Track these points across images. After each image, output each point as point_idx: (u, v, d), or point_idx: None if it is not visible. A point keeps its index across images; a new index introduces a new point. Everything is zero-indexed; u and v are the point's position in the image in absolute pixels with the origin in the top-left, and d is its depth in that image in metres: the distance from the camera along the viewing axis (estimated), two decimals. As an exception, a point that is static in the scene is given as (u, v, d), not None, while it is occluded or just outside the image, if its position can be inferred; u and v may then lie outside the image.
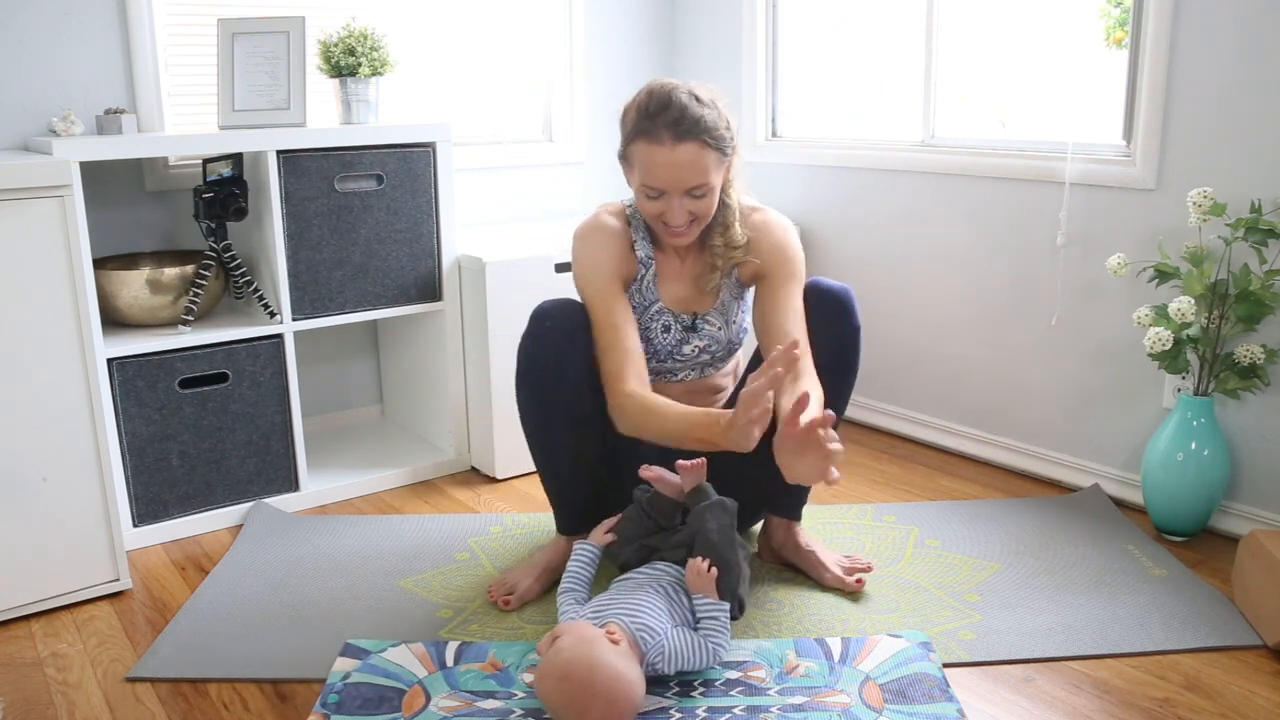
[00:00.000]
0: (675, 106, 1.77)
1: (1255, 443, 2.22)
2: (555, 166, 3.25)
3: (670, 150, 1.77)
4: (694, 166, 1.78)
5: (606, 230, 1.94)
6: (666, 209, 1.82)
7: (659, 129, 1.77)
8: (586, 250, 1.92)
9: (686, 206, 1.82)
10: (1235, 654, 1.79)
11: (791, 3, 3.12)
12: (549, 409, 1.90)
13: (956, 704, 1.62)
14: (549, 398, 1.89)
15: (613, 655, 1.53)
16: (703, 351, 2.01)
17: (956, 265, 2.73)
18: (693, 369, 2.03)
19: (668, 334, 1.98)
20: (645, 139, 1.79)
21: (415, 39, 2.92)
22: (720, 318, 2.00)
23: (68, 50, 2.41)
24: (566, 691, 1.50)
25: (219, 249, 2.37)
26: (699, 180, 1.79)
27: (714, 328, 2.00)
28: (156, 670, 1.77)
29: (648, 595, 1.70)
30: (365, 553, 2.22)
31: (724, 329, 2.01)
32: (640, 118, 1.80)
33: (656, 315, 1.97)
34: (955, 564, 2.12)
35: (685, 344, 1.99)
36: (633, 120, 1.82)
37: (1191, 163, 2.22)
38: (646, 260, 1.97)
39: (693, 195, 1.81)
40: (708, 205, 1.84)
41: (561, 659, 1.52)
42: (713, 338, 2.00)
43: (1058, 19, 2.55)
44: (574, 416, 1.91)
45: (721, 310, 2.00)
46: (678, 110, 1.77)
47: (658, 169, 1.79)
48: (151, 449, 2.27)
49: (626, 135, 1.85)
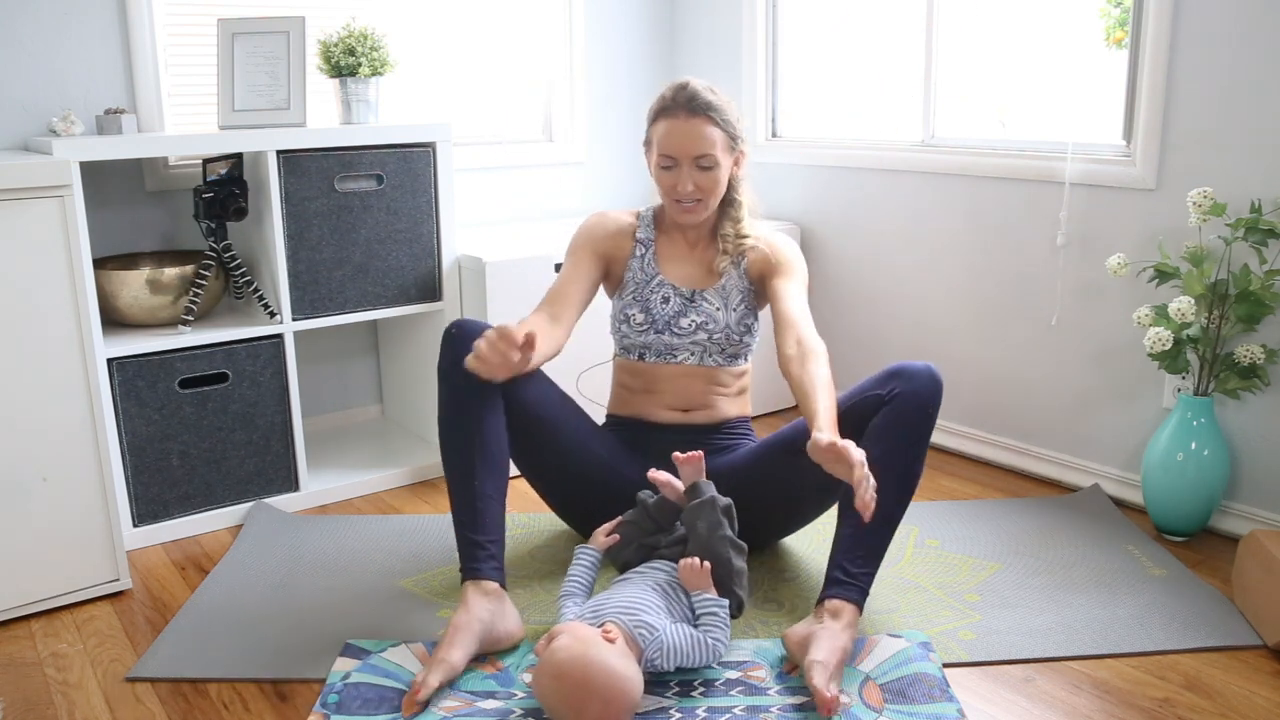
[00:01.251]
0: (691, 90, 2.00)
1: (1255, 443, 2.22)
2: (555, 166, 3.25)
3: (684, 122, 1.98)
4: (703, 138, 1.98)
5: (610, 217, 2.17)
6: (678, 179, 2.00)
7: (676, 107, 2.00)
8: (582, 228, 2.15)
9: (694, 178, 1.99)
10: (1235, 654, 1.79)
11: (791, 3, 3.12)
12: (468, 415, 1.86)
13: (956, 704, 1.62)
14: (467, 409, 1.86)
15: (609, 654, 1.53)
16: (699, 329, 2.07)
17: (956, 265, 2.73)
18: (691, 351, 2.08)
19: (667, 304, 2.09)
20: (664, 116, 2.01)
21: (415, 39, 2.92)
22: (719, 298, 2.08)
23: (68, 50, 2.41)
24: (562, 691, 1.51)
25: (219, 249, 2.37)
26: (706, 149, 1.98)
27: (712, 306, 2.08)
28: (156, 670, 1.77)
29: (645, 592, 1.70)
30: (365, 553, 2.22)
31: (723, 311, 2.07)
32: (661, 104, 2.03)
33: (657, 288, 2.10)
34: (955, 564, 2.12)
35: (683, 316, 2.08)
36: (655, 108, 2.04)
37: (1191, 163, 2.22)
38: (648, 241, 2.13)
39: (700, 166, 1.99)
40: (713, 180, 2.01)
41: (557, 659, 1.52)
42: (710, 316, 2.07)
43: (1057, 19, 2.55)
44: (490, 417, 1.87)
45: (722, 292, 2.09)
46: (692, 92, 1.99)
47: (671, 137, 1.99)
48: (151, 449, 2.27)
49: (650, 121, 2.06)
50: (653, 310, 2.09)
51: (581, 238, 2.13)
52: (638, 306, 2.10)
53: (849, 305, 3.03)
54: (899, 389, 1.84)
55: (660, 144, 2.01)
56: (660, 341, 2.08)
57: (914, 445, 1.82)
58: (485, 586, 1.79)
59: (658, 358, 2.10)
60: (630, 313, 2.10)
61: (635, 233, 2.14)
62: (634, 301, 2.10)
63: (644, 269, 2.12)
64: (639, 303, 2.10)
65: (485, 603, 1.77)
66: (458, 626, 1.72)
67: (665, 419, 2.11)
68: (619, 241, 2.13)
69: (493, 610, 1.77)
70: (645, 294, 2.10)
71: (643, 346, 2.10)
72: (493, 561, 1.82)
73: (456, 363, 1.82)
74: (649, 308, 2.09)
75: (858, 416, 1.84)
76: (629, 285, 2.12)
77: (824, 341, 1.91)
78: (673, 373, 2.10)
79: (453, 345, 1.87)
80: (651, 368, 2.10)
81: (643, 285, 2.11)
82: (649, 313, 2.09)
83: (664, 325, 2.08)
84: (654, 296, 2.09)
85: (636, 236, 2.14)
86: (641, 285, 2.11)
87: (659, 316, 2.08)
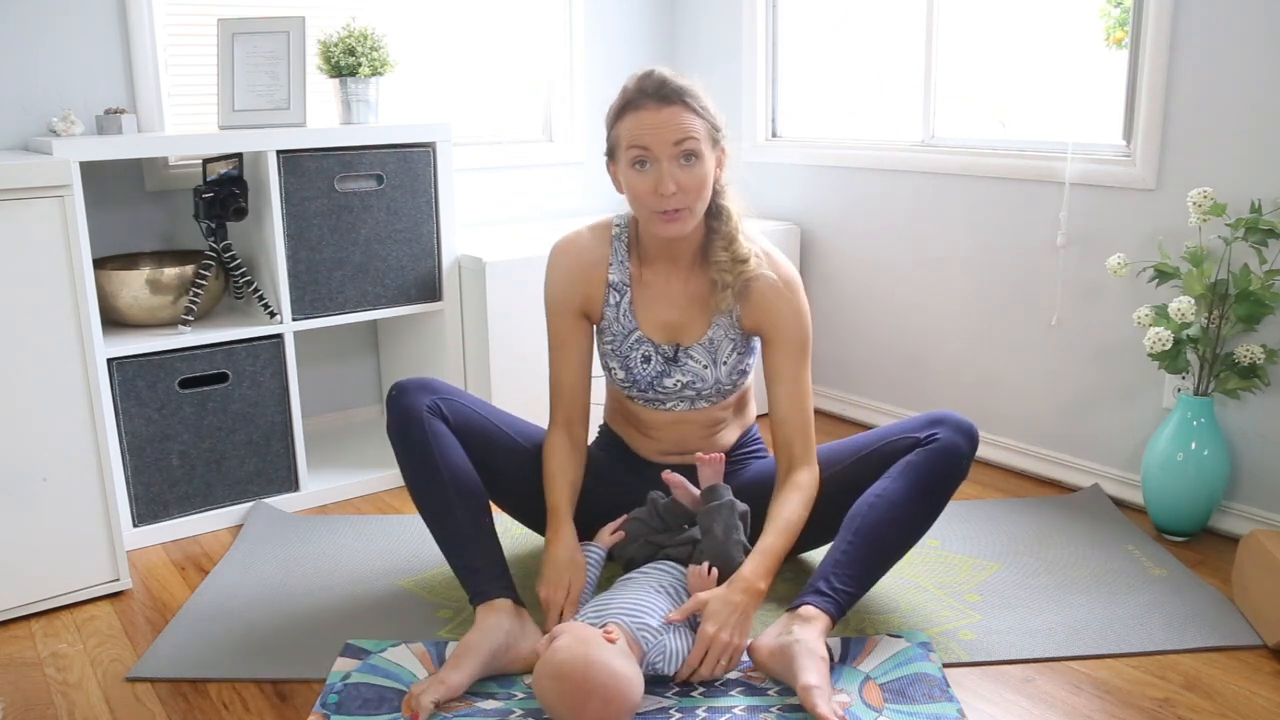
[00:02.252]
0: (655, 77, 1.75)
1: (1255, 443, 2.22)
2: (555, 166, 3.25)
3: (655, 111, 1.72)
4: (681, 126, 1.72)
5: (575, 253, 1.91)
6: (657, 179, 1.72)
7: (642, 99, 1.74)
8: (551, 275, 1.93)
9: (677, 177, 1.72)
10: (1235, 654, 1.79)
11: (791, 2, 3.12)
12: (434, 477, 1.80)
13: (956, 704, 1.62)
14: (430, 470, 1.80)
15: (609, 654, 1.53)
16: (686, 388, 1.91)
17: (956, 265, 2.73)
18: (680, 400, 1.94)
19: (648, 365, 1.91)
20: (630, 110, 1.75)
21: (415, 39, 2.92)
22: (706, 355, 1.89)
23: (68, 50, 2.41)
24: (562, 691, 1.51)
25: (219, 249, 2.37)
26: (686, 135, 1.71)
27: (698, 364, 1.89)
28: (156, 670, 1.77)
29: (649, 594, 1.70)
30: (365, 553, 2.22)
31: (710, 368, 1.90)
32: (624, 98, 1.77)
33: (636, 344, 1.91)
34: (955, 564, 2.12)
35: (666, 377, 1.90)
36: (616, 105, 1.79)
37: (1191, 163, 2.22)
38: (621, 286, 1.90)
39: (683, 161, 1.73)
40: (698, 179, 1.74)
41: (557, 659, 1.52)
42: (696, 374, 1.90)
43: (1058, 19, 2.55)
44: (461, 478, 1.81)
45: (709, 348, 1.89)
46: (659, 79, 1.74)
47: (643, 129, 1.72)
48: (151, 449, 2.27)
49: (610, 123, 1.80)
50: (633, 370, 1.91)
51: (558, 299, 1.92)
52: (617, 361, 1.93)
53: (849, 305, 3.03)
54: (939, 436, 1.80)
55: (630, 137, 1.73)
56: (644, 396, 1.94)
57: (936, 494, 1.79)
58: (497, 605, 1.72)
59: (646, 404, 1.96)
60: (611, 365, 1.95)
61: (608, 273, 1.90)
62: (613, 354, 1.93)
63: (620, 320, 1.90)
64: (618, 357, 1.92)
65: (499, 620, 1.70)
66: (465, 647, 1.66)
67: (659, 460, 2.01)
68: (591, 289, 1.91)
69: (509, 630, 1.69)
70: (624, 349, 1.91)
71: (628, 396, 1.97)
72: (499, 581, 1.75)
73: (402, 419, 1.80)
74: (629, 366, 1.91)
75: (890, 457, 1.82)
76: (605, 332, 1.94)
77: (814, 413, 1.89)
78: (664, 419, 1.97)
79: (396, 404, 1.83)
80: (641, 410, 1.98)
81: (620, 339, 1.91)
82: (629, 371, 1.92)
83: (646, 385, 1.92)
84: (634, 354, 1.90)
85: (610, 279, 1.90)
86: (619, 339, 1.91)
87: (640, 377, 1.91)
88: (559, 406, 1.95)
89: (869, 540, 1.73)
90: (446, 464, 1.79)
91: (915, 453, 1.80)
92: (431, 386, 1.87)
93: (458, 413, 1.87)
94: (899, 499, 1.74)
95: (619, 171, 1.81)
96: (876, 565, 1.75)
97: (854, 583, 1.72)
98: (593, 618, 1.66)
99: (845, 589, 1.70)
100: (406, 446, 1.81)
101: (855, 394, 3.07)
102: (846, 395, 3.09)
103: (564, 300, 1.92)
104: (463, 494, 1.79)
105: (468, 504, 1.79)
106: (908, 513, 1.76)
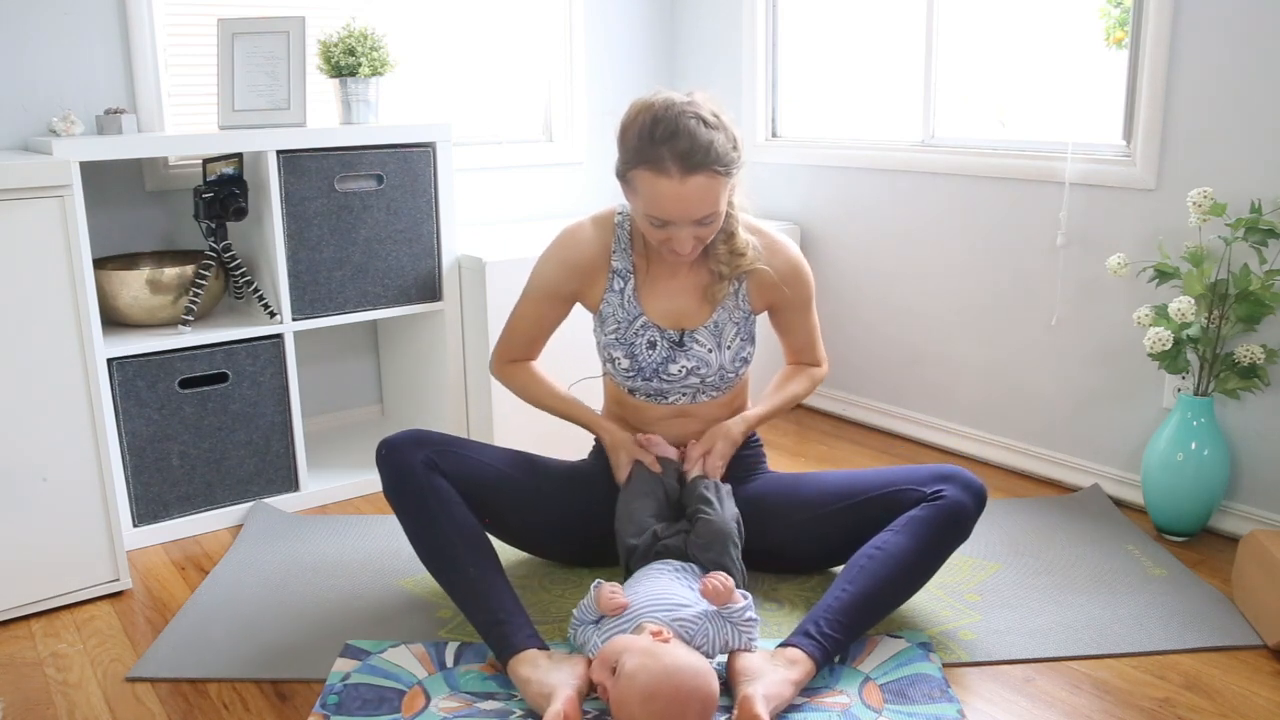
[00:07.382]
0: (684, 135, 1.66)
1: (1255, 443, 2.22)
2: (555, 166, 3.25)
3: (679, 184, 1.68)
4: (704, 200, 1.70)
5: (574, 244, 1.92)
6: (673, 237, 1.76)
7: (666, 160, 1.67)
8: (544, 259, 1.95)
9: (694, 234, 1.76)
10: (1235, 654, 1.79)
11: (791, 3, 3.12)
12: (441, 534, 1.77)
13: (956, 704, 1.62)
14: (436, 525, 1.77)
15: (679, 655, 1.51)
16: (691, 374, 1.91)
17: (956, 265, 2.73)
18: (682, 392, 1.95)
19: (653, 350, 1.90)
20: (650, 168, 1.69)
21: (415, 39, 2.92)
22: (712, 339, 1.91)
23: (68, 50, 2.41)
24: (658, 711, 1.46)
25: (219, 249, 2.37)
26: (708, 210, 1.73)
27: (703, 348, 1.90)
28: (156, 670, 1.77)
29: (669, 584, 1.69)
30: (365, 553, 2.22)
31: (715, 352, 1.91)
32: (644, 143, 1.70)
33: (641, 330, 1.90)
34: (955, 564, 2.12)
35: (672, 362, 1.90)
36: (634, 145, 1.72)
37: (1191, 163, 2.22)
38: (625, 272, 1.90)
39: (701, 224, 1.75)
40: (715, 228, 1.79)
41: (639, 682, 1.47)
42: (701, 359, 1.90)
43: (1058, 19, 2.55)
44: (466, 530, 1.78)
45: (714, 331, 1.91)
46: (687, 140, 1.66)
47: (664, 201, 1.70)
48: (151, 449, 2.27)
49: (627, 158, 1.75)
50: (638, 357, 1.90)
51: (548, 279, 1.93)
52: (621, 350, 1.92)
53: (849, 305, 3.03)
54: (946, 493, 1.79)
55: (649, 203, 1.72)
56: (649, 386, 1.93)
57: (937, 552, 1.78)
58: (524, 658, 1.64)
59: (648, 398, 1.96)
60: (614, 354, 1.93)
61: (611, 260, 1.91)
62: (617, 343, 1.92)
63: (625, 306, 1.90)
64: (623, 345, 1.91)
65: (530, 673, 1.61)
66: (535, 699, 1.58)
67: None
68: (591, 279, 1.92)
69: (539, 680, 1.60)
70: (629, 336, 1.91)
71: (630, 388, 1.97)
72: (523, 631, 1.68)
73: (397, 477, 1.78)
74: (634, 353, 1.90)
75: (894, 505, 1.82)
76: (609, 320, 1.93)
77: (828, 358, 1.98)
78: (664, 414, 1.97)
79: (389, 463, 1.79)
80: (642, 405, 1.98)
81: (624, 326, 1.91)
82: (634, 359, 1.91)
83: (651, 372, 1.91)
84: (639, 340, 1.90)
85: (613, 266, 1.91)
86: (623, 326, 1.91)
87: (645, 364, 1.90)
88: (508, 349, 2.03)
89: (865, 591, 1.72)
90: (450, 521, 1.77)
91: (921, 508, 1.79)
92: (423, 439, 1.83)
93: (456, 465, 1.83)
94: (899, 554, 1.75)
95: (631, 202, 1.81)
96: (868, 616, 1.74)
97: (844, 630, 1.69)
98: (624, 625, 1.63)
99: (834, 635, 1.68)
100: (405, 506, 1.79)
101: (855, 394, 3.07)
102: (847, 395, 3.09)
103: (553, 285, 1.95)
104: (470, 548, 1.76)
105: (477, 559, 1.75)
106: (906, 568, 1.76)
